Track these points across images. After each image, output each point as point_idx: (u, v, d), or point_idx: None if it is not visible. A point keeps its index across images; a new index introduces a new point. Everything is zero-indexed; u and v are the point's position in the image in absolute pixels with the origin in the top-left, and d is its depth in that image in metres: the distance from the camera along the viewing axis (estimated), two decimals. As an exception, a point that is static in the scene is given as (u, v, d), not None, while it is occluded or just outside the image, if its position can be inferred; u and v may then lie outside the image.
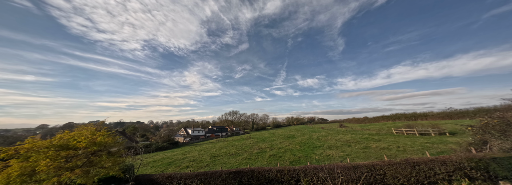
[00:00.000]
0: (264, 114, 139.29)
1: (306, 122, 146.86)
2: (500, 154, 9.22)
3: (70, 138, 9.07)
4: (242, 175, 11.15)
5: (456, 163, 9.11)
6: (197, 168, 19.22)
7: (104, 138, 9.71)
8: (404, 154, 16.05)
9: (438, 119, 48.20)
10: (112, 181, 12.38)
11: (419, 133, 26.21)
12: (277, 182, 10.53)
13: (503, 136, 10.18)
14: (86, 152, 9.05)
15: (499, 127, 10.54)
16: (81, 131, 9.86)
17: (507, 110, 11.42)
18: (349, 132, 38.09)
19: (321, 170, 10.22)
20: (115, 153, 10.86)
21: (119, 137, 12.11)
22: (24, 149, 7.76)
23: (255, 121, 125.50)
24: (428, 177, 9.09)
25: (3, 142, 52.60)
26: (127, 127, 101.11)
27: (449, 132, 24.43)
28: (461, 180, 8.71)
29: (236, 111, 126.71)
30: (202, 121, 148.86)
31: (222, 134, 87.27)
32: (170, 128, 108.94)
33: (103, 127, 11.13)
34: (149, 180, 12.45)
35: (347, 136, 31.31)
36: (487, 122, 11.33)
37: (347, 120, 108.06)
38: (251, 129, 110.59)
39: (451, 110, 51.54)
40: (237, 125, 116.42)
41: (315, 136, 36.08)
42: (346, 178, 9.70)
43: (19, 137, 56.44)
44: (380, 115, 71.66)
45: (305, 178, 10.25)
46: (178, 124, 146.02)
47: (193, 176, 11.77)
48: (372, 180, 9.46)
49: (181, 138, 71.30)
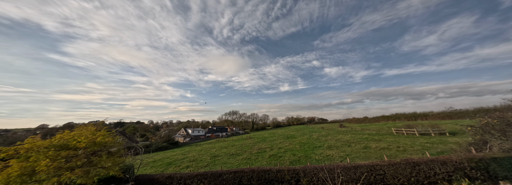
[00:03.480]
0: (264, 114, 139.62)
1: (306, 122, 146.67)
2: (500, 154, 9.23)
3: (70, 138, 9.07)
4: (242, 175, 11.14)
5: (456, 163, 9.11)
6: (197, 168, 19.21)
7: (104, 138, 9.72)
8: (404, 154, 16.05)
9: (438, 119, 48.24)
10: (112, 181, 12.37)
11: (419, 133, 26.21)
12: (277, 182, 10.53)
13: (503, 136, 10.17)
14: (86, 152, 9.06)
15: (499, 127, 10.54)
16: (81, 131, 9.88)
17: (507, 110, 11.45)
18: (349, 132, 38.09)
19: (321, 170, 10.22)
20: (115, 153, 10.86)
21: (119, 137, 12.12)
22: (24, 149, 7.75)
23: (255, 121, 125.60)
24: (428, 177, 9.09)
25: (3, 142, 52.63)
26: (127, 127, 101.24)
27: (449, 132, 24.44)
28: (461, 180, 8.71)
29: (236, 111, 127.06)
30: (202, 121, 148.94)
31: (222, 134, 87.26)
32: (170, 128, 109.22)
33: (103, 127, 11.15)
34: (149, 180, 12.44)
35: (347, 136, 31.32)
36: (487, 122, 11.33)
37: (347, 120, 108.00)
38: (251, 129, 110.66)
39: (451, 110, 51.62)
40: (237, 125, 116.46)
41: (315, 136, 36.08)
42: (346, 178, 9.70)
43: (19, 137, 56.45)
44: (380, 115, 71.89)
45: (305, 178, 10.24)
46: (178, 124, 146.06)
47: (193, 176, 11.77)
48: (372, 180, 9.46)
49: (181, 138, 71.34)
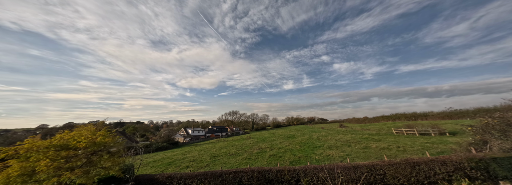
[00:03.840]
0: (264, 114, 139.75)
1: (306, 122, 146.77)
2: (500, 154, 9.22)
3: (70, 138, 9.07)
4: (242, 175, 11.13)
5: (456, 163, 9.11)
6: (197, 168, 19.21)
7: (104, 138, 9.72)
8: (404, 154, 16.04)
9: (438, 119, 48.22)
10: (112, 181, 12.36)
11: (419, 133, 26.20)
12: (277, 182, 10.52)
13: (503, 136, 10.17)
14: (86, 152, 9.06)
15: (499, 127, 10.54)
16: (81, 131, 9.88)
17: (507, 110, 11.43)
18: (349, 132, 38.09)
19: (321, 170, 10.22)
20: (115, 153, 10.86)
21: (119, 137, 12.11)
22: (24, 149, 7.75)
23: (255, 121, 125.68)
24: (428, 177, 9.09)
25: (3, 142, 52.61)
26: (127, 127, 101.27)
27: (449, 132, 24.43)
28: (461, 180, 8.71)
29: (236, 111, 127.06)
30: (202, 121, 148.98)
31: (222, 134, 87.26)
32: (170, 128, 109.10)
33: (103, 127, 11.15)
34: (149, 180, 12.43)
35: (347, 136, 31.31)
36: (487, 122, 11.33)
37: (347, 120, 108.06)
38: (251, 129, 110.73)
39: (451, 110, 51.58)
40: (237, 125, 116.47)
41: (315, 136, 36.07)
42: (346, 178, 9.69)
43: (19, 137, 56.43)
44: (380, 115, 71.90)
45: (305, 178, 10.24)
46: (178, 124, 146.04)
47: (193, 176, 11.76)
48: (372, 180, 9.46)
49: (181, 138, 71.33)
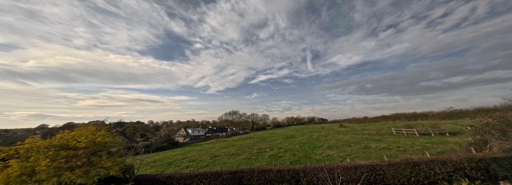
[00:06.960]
0: (264, 114, 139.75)
1: (306, 122, 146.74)
2: (500, 154, 9.22)
3: (70, 138, 9.08)
4: (242, 175, 11.14)
5: (456, 163, 9.11)
6: (197, 168, 19.21)
7: (104, 138, 9.73)
8: (404, 154, 16.05)
9: (438, 119, 48.19)
10: (112, 181, 12.37)
11: (419, 133, 26.19)
12: (277, 182, 10.52)
13: (503, 136, 10.17)
14: (86, 152, 9.06)
15: (499, 127, 10.54)
16: (81, 131, 9.88)
17: (507, 110, 11.44)
18: (349, 132, 38.06)
19: (321, 170, 10.22)
20: (115, 153, 10.88)
21: (119, 137, 12.12)
22: (24, 149, 7.76)
23: (255, 121, 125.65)
24: (428, 177, 9.09)
25: (3, 142, 52.61)
26: (127, 127, 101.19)
27: (449, 132, 24.42)
28: (461, 180, 8.71)
29: (236, 111, 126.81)
30: (202, 121, 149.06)
31: (222, 134, 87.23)
32: (170, 128, 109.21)
33: (103, 127, 11.15)
34: (149, 180, 12.44)
35: (347, 136, 31.30)
36: (487, 122, 11.33)
37: (347, 120, 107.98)
38: (251, 129, 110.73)
39: (451, 110, 51.56)
40: (237, 125, 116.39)
41: (315, 136, 36.06)
42: (346, 178, 9.69)
43: (19, 137, 56.43)
44: (380, 115, 71.82)
45: (305, 178, 10.24)
46: (178, 124, 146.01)
47: (193, 176, 11.77)
48: (372, 180, 9.46)
49: (181, 138, 71.29)
